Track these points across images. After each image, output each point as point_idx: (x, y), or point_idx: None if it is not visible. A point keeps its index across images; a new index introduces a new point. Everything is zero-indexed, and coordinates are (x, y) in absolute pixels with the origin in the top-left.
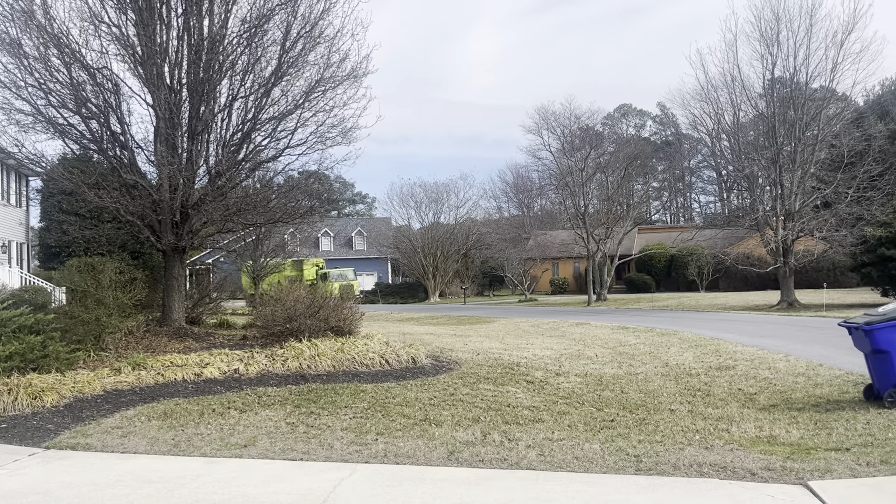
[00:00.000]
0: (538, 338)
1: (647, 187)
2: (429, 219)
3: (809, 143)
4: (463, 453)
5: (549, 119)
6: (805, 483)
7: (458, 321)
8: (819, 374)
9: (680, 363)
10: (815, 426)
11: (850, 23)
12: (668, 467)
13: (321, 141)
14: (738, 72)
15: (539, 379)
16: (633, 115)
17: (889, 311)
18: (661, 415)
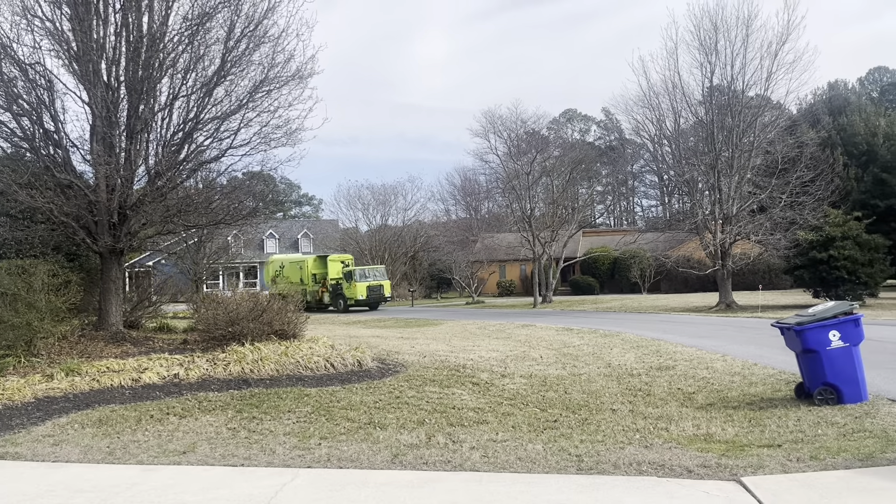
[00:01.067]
0: (485, 340)
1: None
2: (376, 221)
3: (746, 149)
4: (407, 456)
5: (496, 123)
6: (738, 479)
7: (406, 324)
8: (754, 373)
9: (622, 364)
10: (750, 424)
11: (784, 34)
12: (608, 466)
13: (265, 142)
14: (678, 79)
15: (485, 381)
16: (578, 119)
17: (819, 312)
18: (603, 415)
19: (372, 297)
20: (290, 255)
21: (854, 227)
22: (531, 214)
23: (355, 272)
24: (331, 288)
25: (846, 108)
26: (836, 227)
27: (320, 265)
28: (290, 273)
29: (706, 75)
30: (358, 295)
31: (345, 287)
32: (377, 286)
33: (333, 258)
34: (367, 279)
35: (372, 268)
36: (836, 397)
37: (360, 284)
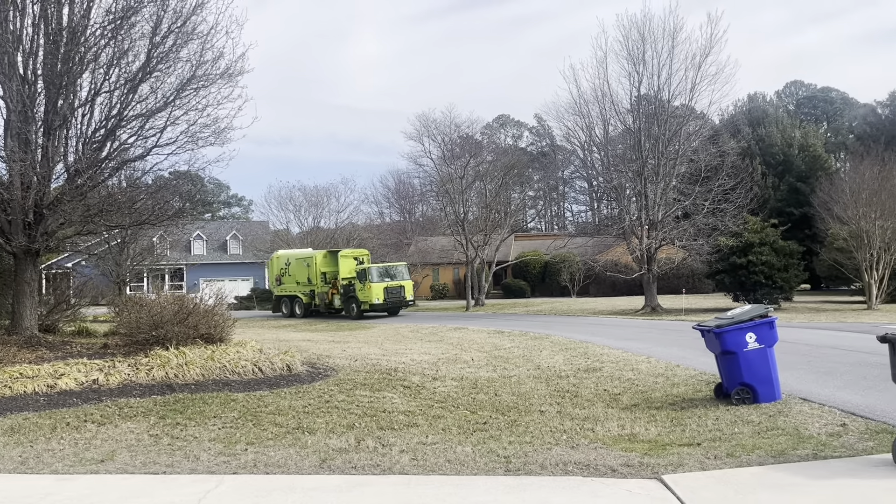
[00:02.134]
0: (417, 343)
1: (523, 196)
2: (308, 223)
3: (671, 157)
4: (336, 460)
5: (430, 126)
6: (659, 477)
7: (338, 327)
8: (677, 374)
9: (551, 366)
10: (672, 423)
11: (707, 47)
12: (535, 467)
13: (193, 141)
14: (608, 88)
15: (416, 384)
16: (511, 125)
17: (737, 315)
18: (531, 416)
19: (391, 301)
20: (298, 250)
21: (771, 234)
22: (465, 218)
23: (370, 271)
24: (342, 289)
25: (765, 120)
26: (754, 234)
27: (330, 262)
28: (297, 271)
29: (634, 85)
30: (373, 298)
31: (358, 288)
32: (397, 288)
33: (345, 253)
34: (385, 279)
35: (391, 265)
36: (752, 397)
37: (375, 285)
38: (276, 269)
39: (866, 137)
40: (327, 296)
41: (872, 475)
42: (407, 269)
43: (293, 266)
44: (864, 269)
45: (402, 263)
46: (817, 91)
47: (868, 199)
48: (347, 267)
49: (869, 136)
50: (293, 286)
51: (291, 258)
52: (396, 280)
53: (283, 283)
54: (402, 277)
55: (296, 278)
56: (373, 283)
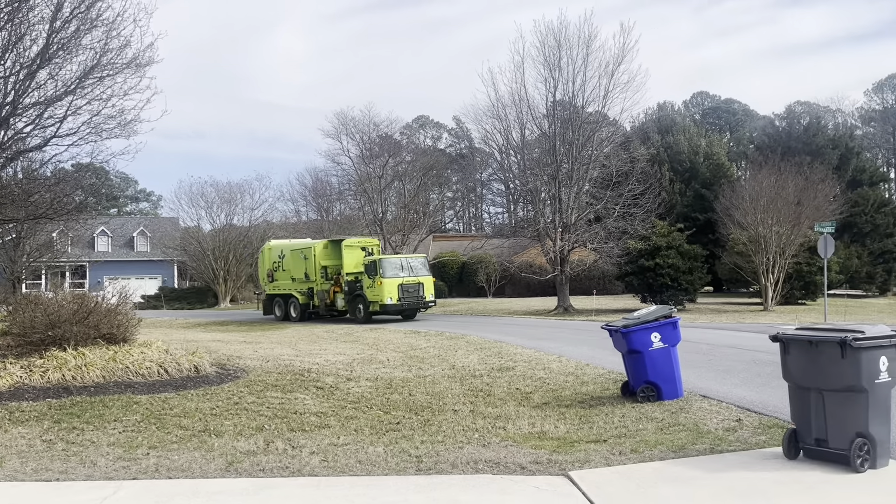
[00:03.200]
0: (332, 343)
1: (442, 197)
2: (221, 220)
3: (585, 162)
4: (243, 463)
5: (349, 125)
6: (566, 473)
7: (250, 327)
8: (586, 373)
9: (466, 365)
10: (580, 421)
11: (620, 56)
12: (447, 466)
13: (96, 132)
14: (524, 92)
15: (329, 384)
16: (431, 126)
17: (642, 316)
18: (444, 415)
19: (407, 301)
20: (294, 240)
21: (677, 238)
22: (383, 218)
23: (382, 263)
24: (346, 286)
25: (673, 128)
26: (661, 238)
27: (332, 253)
28: (292, 265)
29: (550, 90)
30: (385, 297)
31: (366, 285)
32: (414, 285)
33: (350, 243)
34: (400, 274)
35: (408, 257)
36: (656, 394)
37: (388, 282)
38: (268, 262)
39: (765, 148)
40: (328, 294)
41: (764, 468)
42: (427, 264)
43: (288, 259)
44: (762, 272)
45: (420, 256)
46: (721, 102)
47: (766, 206)
48: (353, 259)
49: (767, 147)
50: (288, 283)
51: (286, 249)
52: (414, 275)
53: (275, 279)
54: (421, 272)
55: (291, 273)
56: (384, 278)
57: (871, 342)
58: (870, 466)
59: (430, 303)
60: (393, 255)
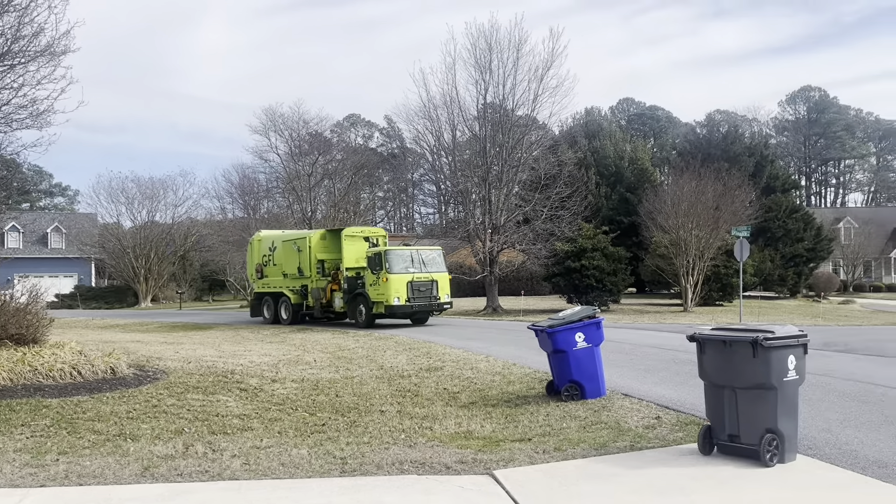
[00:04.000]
0: (257, 344)
1: (373, 196)
2: (142, 217)
3: (514, 164)
4: (160, 468)
5: (278, 121)
6: (491, 472)
7: (171, 328)
8: (513, 372)
9: (394, 366)
10: (506, 420)
11: (549, 60)
12: (372, 467)
13: (6, 122)
14: (456, 94)
15: (253, 386)
16: (362, 125)
17: (567, 316)
18: (371, 416)
19: (418, 302)
20: (287, 231)
21: (602, 240)
22: (312, 216)
23: (388, 256)
24: (346, 284)
25: (599, 133)
26: (587, 240)
27: (331, 245)
28: (285, 258)
29: (481, 92)
30: (391, 297)
31: (369, 282)
32: (426, 283)
33: (352, 232)
34: (410, 269)
35: (421, 250)
36: (580, 393)
37: (396, 278)
38: (258, 255)
39: (686, 154)
40: (325, 293)
41: (680, 463)
42: (443, 257)
43: (280, 251)
44: (682, 274)
45: (436, 248)
46: (646, 109)
47: (686, 210)
48: (355, 251)
49: (688, 153)
50: (279, 280)
51: (277, 241)
52: (426, 271)
53: (265, 275)
54: (436, 268)
55: (283, 268)
56: (391, 274)
57: (781, 342)
58: (778, 461)
59: (446, 304)
60: (402, 247)
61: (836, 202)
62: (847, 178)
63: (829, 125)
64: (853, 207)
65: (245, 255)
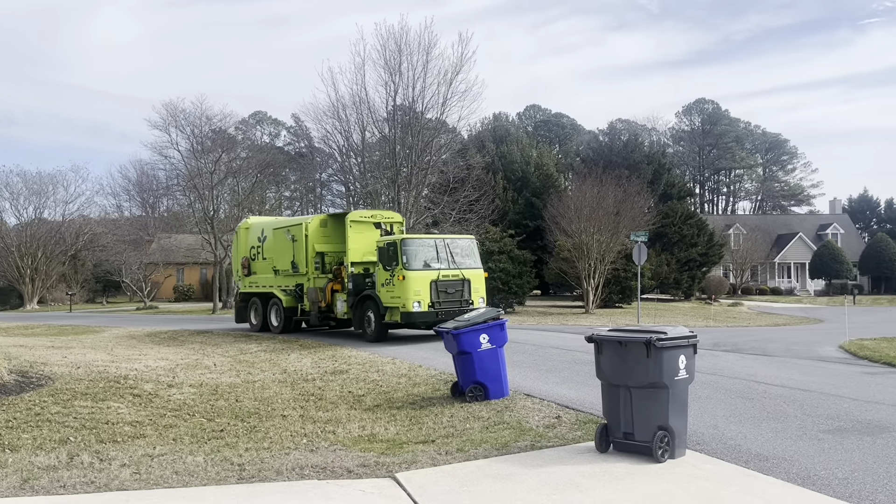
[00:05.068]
0: (154, 348)
1: (279, 196)
2: (29, 214)
3: (424, 167)
4: (41, 480)
5: (179, 117)
6: (393, 475)
7: (60, 331)
8: (419, 374)
9: (298, 369)
10: (410, 422)
11: (458, 65)
12: (271, 473)
13: None
14: (365, 94)
15: (148, 392)
16: (268, 123)
17: (472, 318)
18: (273, 421)
19: (444, 307)
20: (281, 217)
21: (509, 244)
22: (214, 215)
23: (406, 247)
24: (351, 282)
25: (507, 139)
26: (494, 243)
27: (332, 234)
28: (276, 251)
29: (391, 94)
30: (409, 300)
31: (380, 280)
32: (455, 282)
33: (358, 217)
34: (434, 264)
35: (446, 239)
36: (483, 394)
37: (415, 276)
38: (244, 247)
39: (589, 161)
40: (324, 294)
41: (578, 461)
42: (476, 249)
43: (270, 242)
44: (584, 277)
45: (467, 237)
46: (552, 116)
47: (588, 215)
48: (363, 242)
49: (591, 160)
50: (269, 277)
51: (268, 229)
52: (455, 267)
53: (253, 271)
54: (469, 262)
55: (274, 263)
56: (411, 270)
57: (672, 342)
58: (669, 456)
59: (480, 307)
60: (424, 235)
61: (726, 210)
62: (737, 187)
63: (721, 136)
64: (742, 215)
65: (231, 248)
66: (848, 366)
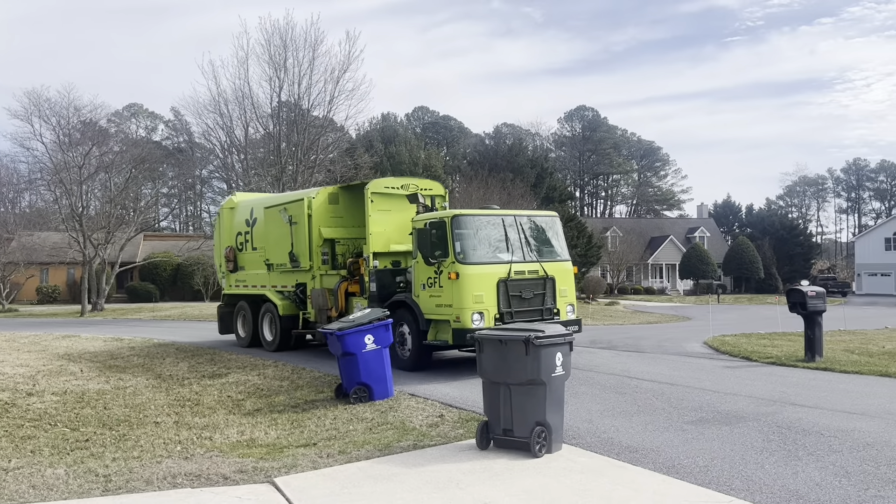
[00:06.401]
0: (12, 354)
1: (156, 192)
2: None
3: (310, 165)
4: None
5: (43, 106)
6: (272, 480)
7: None
8: (302, 376)
9: (174, 374)
10: (292, 426)
11: (346, 63)
12: (140, 483)
13: None
14: (248, 89)
15: (4, 401)
16: (145, 116)
17: (357, 319)
18: (144, 429)
19: (516, 319)
20: (273, 194)
21: None
22: (83, 213)
23: (461, 228)
24: (375, 281)
25: (395, 139)
26: None
27: (345, 213)
28: (269, 238)
29: (275, 90)
30: (467, 310)
31: (420, 280)
32: (534, 281)
33: (384, 187)
34: (501, 255)
35: (518, 216)
36: (368, 395)
37: (475, 272)
38: (228, 233)
39: (476, 163)
40: (335, 298)
41: (459, 459)
42: (560, 230)
43: (262, 227)
44: None
45: (548, 213)
46: (440, 118)
47: None
48: (390, 224)
49: (478, 163)
50: (260, 274)
51: (259, 208)
52: (535, 258)
53: (240, 266)
54: (551, 251)
55: (266, 255)
56: (468, 264)
57: (549, 340)
58: (546, 451)
59: (573, 326)
60: (486, 210)
61: (604, 213)
62: (614, 192)
63: (599, 143)
64: (619, 218)
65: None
66: (711, 360)
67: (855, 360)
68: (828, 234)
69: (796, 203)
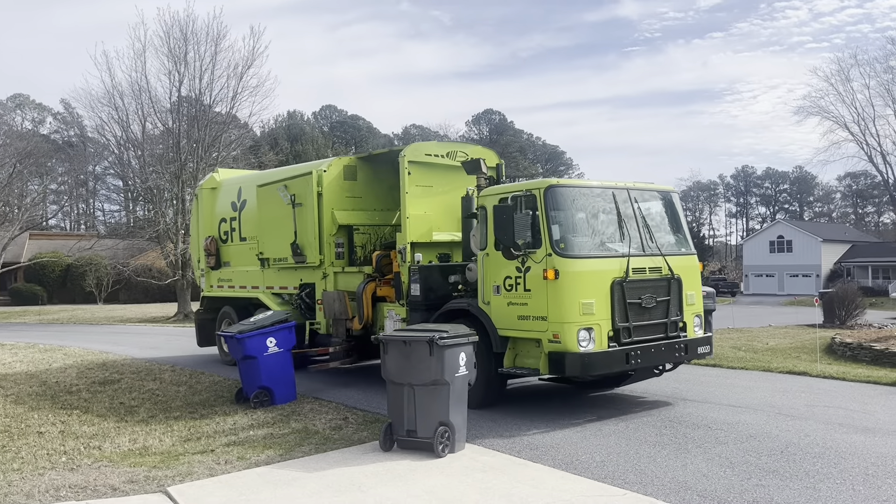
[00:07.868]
0: None
1: (43, 189)
2: None
3: (212, 162)
4: None
5: None
6: (165, 490)
7: None
8: (200, 381)
9: (61, 381)
10: (188, 432)
11: (250, 58)
12: (20, 497)
13: None
14: (146, 83)
15: None
16: (31, 107)
17: (258, 321)
18: (26, 439)
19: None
20: (272, 170)
21: None
22: None
23: (562, 203)
24: (419, 281)
25: (302, 137)
26: None
27: (368, 190)
28: (264, 224)
29: (175, 84)
30: (571, 326)
31: (492, 281)
32: (656, 282)
33: (424, 154)
34: (616, 246)
35: (630, 189)
36: (269, 399)
37: (582, 269)
38: (209, 220)
39: None
40: (359, 305)
41: (362, 461)
42: (679, 212)
43: (254, 211)
44: None
45: (665, 186)
46: (348, 117)
47: None
48: (432, 206)
49: None
50: (252, 272)
51: (249, 188)
52: (655, 249)
53: (225, 261)
54: (677, 242)
55: (260, 246)
56: (569, 256)
57: (453, 340)
58: (450, 451)
59: (703, 346)
60: (590, 180)
61: None
62: None
63: (506, 146)
64: None
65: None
66: None
67: (741, 356)
68: (719, 237)
69: (690, 207)
